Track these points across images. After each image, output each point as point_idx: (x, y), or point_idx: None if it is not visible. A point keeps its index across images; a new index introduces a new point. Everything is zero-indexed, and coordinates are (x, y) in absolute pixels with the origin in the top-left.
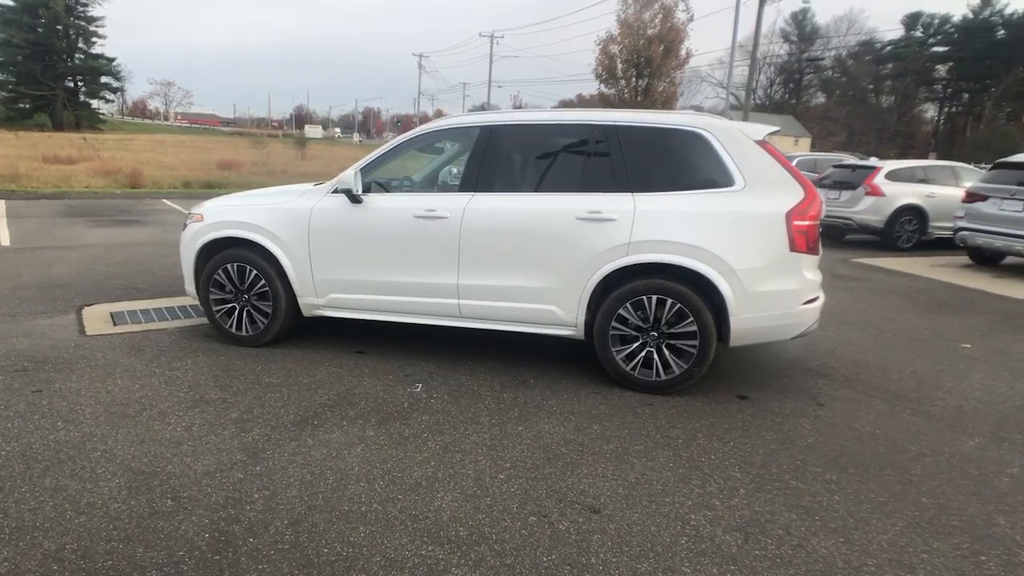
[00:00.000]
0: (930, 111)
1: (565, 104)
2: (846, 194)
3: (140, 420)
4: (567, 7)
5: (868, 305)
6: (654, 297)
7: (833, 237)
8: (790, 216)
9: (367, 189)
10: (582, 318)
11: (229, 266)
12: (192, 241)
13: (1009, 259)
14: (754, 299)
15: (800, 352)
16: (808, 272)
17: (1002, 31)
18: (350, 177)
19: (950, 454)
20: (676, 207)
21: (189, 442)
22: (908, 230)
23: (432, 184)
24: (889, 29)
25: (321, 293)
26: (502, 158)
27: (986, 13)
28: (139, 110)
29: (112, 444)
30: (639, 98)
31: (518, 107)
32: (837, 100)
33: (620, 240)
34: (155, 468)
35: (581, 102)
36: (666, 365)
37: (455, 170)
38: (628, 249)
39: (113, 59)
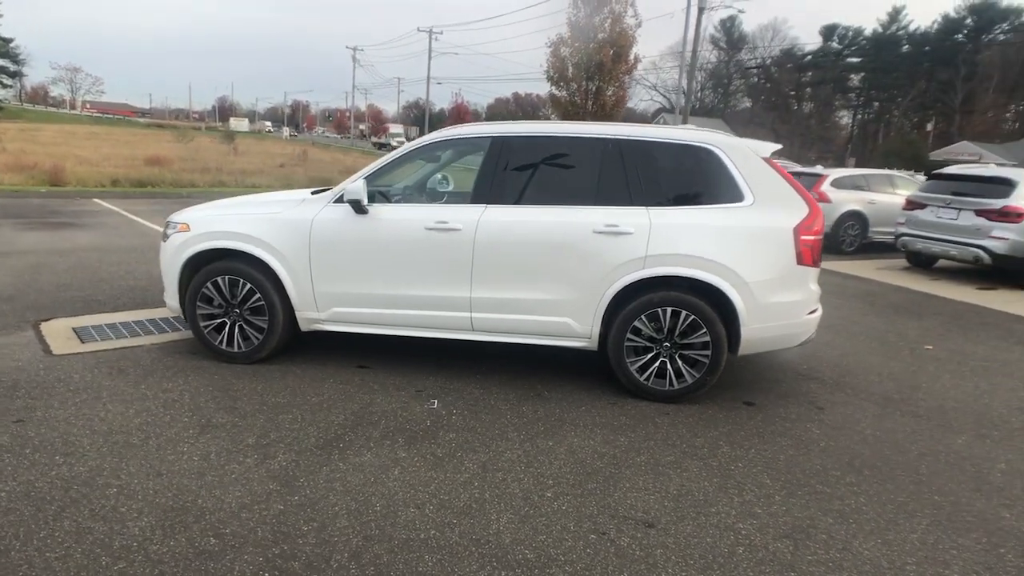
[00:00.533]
0: (845, 118)
1: (502, 103)
2: None
3: (148, 449)
4: (508, 5)
5: (833, 308)
6: (668, 309)
7: None
8: (797, 231)
9: (370, 199)
10: (597, 330)
11: (220, 279)
12: (177, 253)
13: (941, 262)
14: (764, 310)
15: (788, 356)
16: (812, 284)
17: (907, 46)
18: (360, 187)
19: (946, 453)
20: (690, 221)
21: (211, 472)
22: (851, 235)
23: (422, 193)
24: (808, 41)
25: (323, 307)
26: (515, 169)
27: (893, 28)
28: (39, 97)
29: (127, 478)
30: (589, 102)
31: (459, 104)
32: (762, 105)
33: (637, 254)
34: (184, 503)
35: (518, 101)
36: (679, 375)
37: (439, 177)
38: (645, 263)
39: (10, 40)
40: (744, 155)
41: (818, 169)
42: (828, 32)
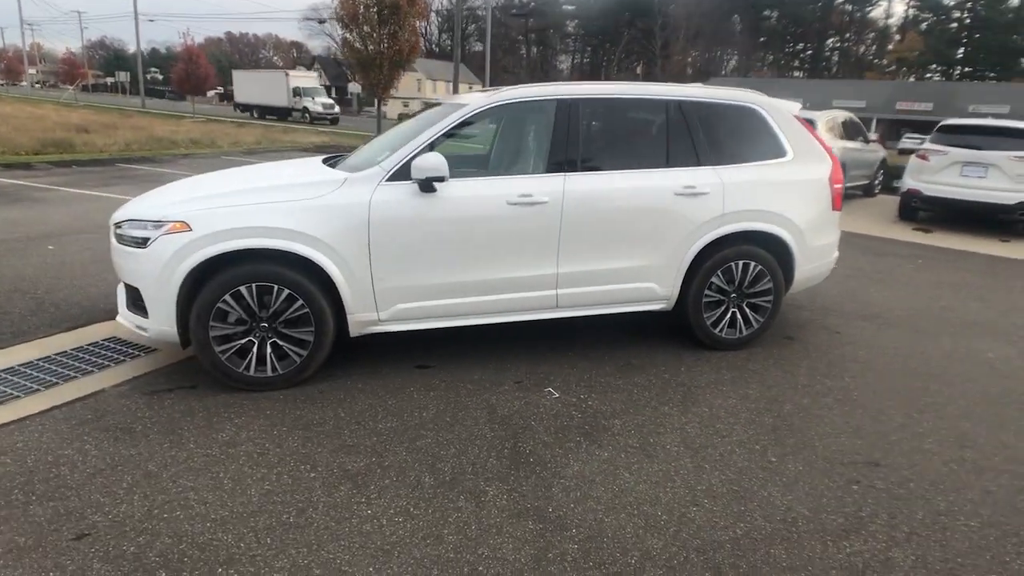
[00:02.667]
0: (564, 62)
1: (212, 42)
2: None
3: (321, 527)
4: None
5: None
6: (740, 262)
7: None
8: (831, 180)
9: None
10: (677, 291)
11: (243, 288)
12: (175, 261)
13: None
14: (811, 252)
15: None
16: (837, 226)
17: None
18: (440, 162)
19: (966, 354)
20: (752, 177)
21: (451, 533)
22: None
23: (470, 163)
24: None
25: (384, 306)
26: (584, 135)
27: None
28: None
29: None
30: (384, 45)
31: (189, 46)
32: (493, 49)
33: (715, 212)
34: None
35: (232, 41)
36: (747, 322)
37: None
38: (722, 220)
39: None
40: (781, 113)
41: None
42: None
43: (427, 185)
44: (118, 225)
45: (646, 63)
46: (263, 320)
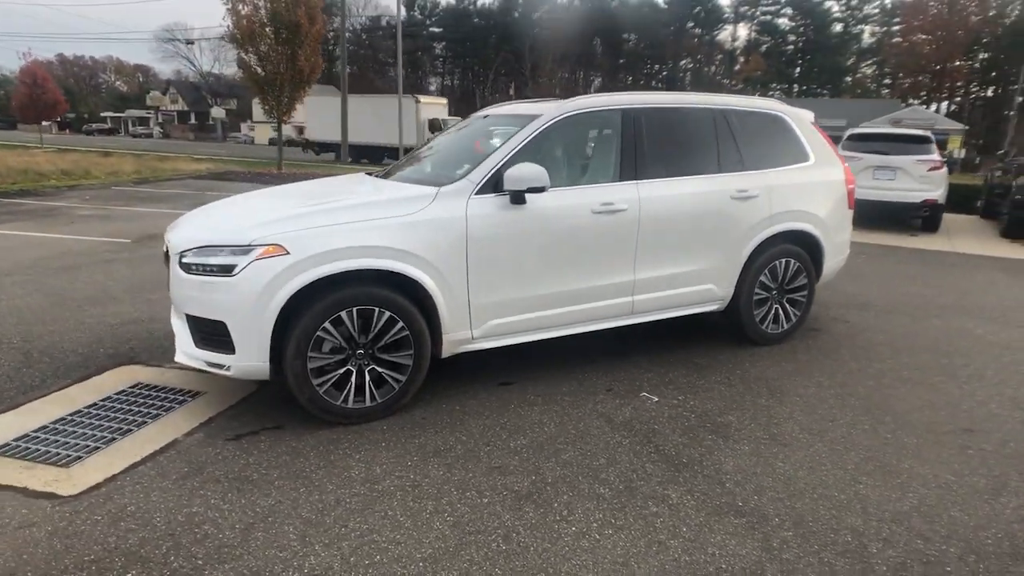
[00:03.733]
0: (433, 84)
1: (42, 65)
2: None
3: (530, 554)
4: None
5: None
6: (783, 260)
7: None
8: (846, 181)
9: (494, 187)
10: (731, 290)
11: (344, 313)
12: (271, 289)
13: None
14: (835, 248)
15: None
16: (851, 224)
17: (476, 18)
18: (540, 172)
19: (961, 332)
20: (789, 180)
21: (673, 542)
22: None
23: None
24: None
25: (478, 323)
26: (648, 143)
27: (465, 1)
28: None
29: None
30: (283, 67)
31: (30, 62)
32: (361, 70)
33: (764, 214)
34: None
35: (64, 64)
36: (787, 317)
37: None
38: (771, 221)
39: None
40: (802, 120)
41: None
42: (410, 2)
43: (519, 196)
44: (184, 254)
45: (517, 84)
46: (360, 347)
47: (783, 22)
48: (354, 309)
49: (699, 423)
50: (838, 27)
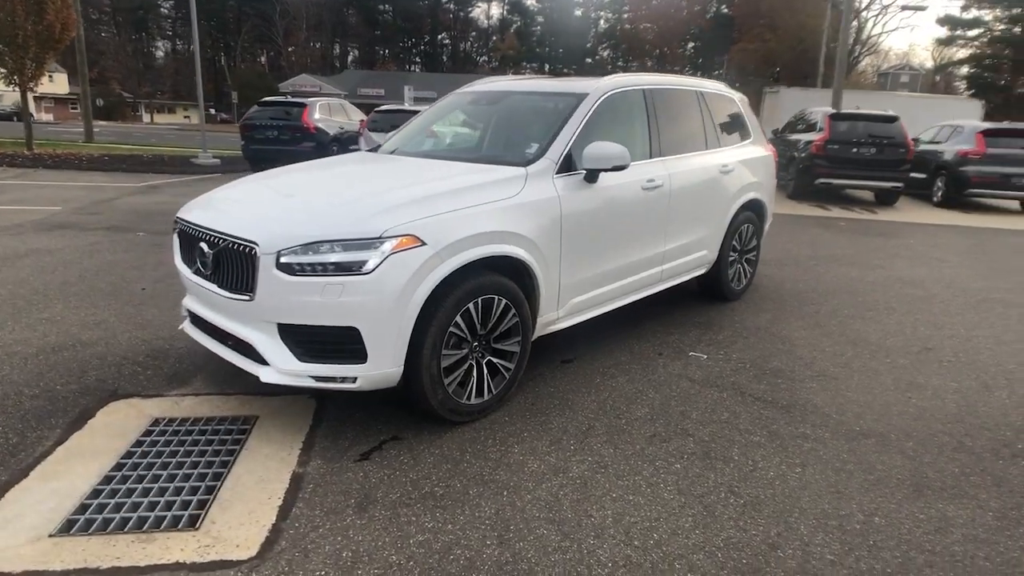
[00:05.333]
0: (161, 48)
1: None
2: None
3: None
4: None
5: None
6: (745, 226)
7: None
8: (773, 156)
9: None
10: (716, 255)
11: (471, 305)
12: (412, 284)
13: None
14: (769, 213)
15: None
16: None
17: None
18: (621, 150)
19: (892, 278)
20: (746, 156)
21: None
22: None
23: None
24: None
25: (563, 302)
26: (662, 121)
27: None
28: None
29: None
30: (30, 23)
31: None
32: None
33: (740, 184)
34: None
35: None
36: (745, 274)
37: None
38: (741, 192)
39: None
40: (744, 102)
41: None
42: None
43: (593, 175)
44: (282, 253)
45: (270, 53)
46: (478, 339)
47: (531, 3)
48: (480, 299)
49: (758, 372)
50: (579, 12)
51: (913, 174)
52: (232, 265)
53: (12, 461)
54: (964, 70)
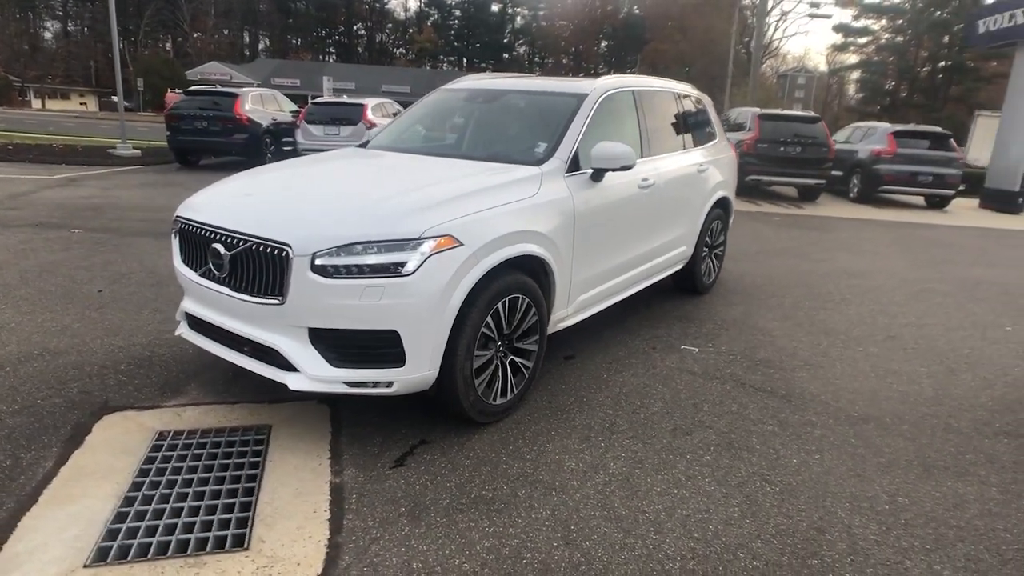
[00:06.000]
0: (49, 31)
1: None
2: (347, 129)
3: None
4: None
5: None
6: (715, 223)
7: None
8: (735, 156)
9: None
10: (692, 251)
11: (500, 305)
12: (451, 285)
13: None
14: (733, 209)
15: None
16: None
17: None
18: (626, 150)
19: (838, 266)
20: (715, 156)
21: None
22: None
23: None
24: None
25: (572, 300)
26: (649, 121)
27: None
28: None
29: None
30: None
31: None
32: None
33: (713, 183)
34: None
35: None
36: (714, 269)
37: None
38: (714, 190)
39: None
40: (711, 104)
41: (356, 100)
42: None
43: (600, 174)
44: (317, 255)
45: (177, 39)
46: (501, 339)
47: None
48: (507, 299)
49: (749, 363)
50: (495, 7)
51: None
52: (255, 268)
53: (14, 486)
54: (856, 74)
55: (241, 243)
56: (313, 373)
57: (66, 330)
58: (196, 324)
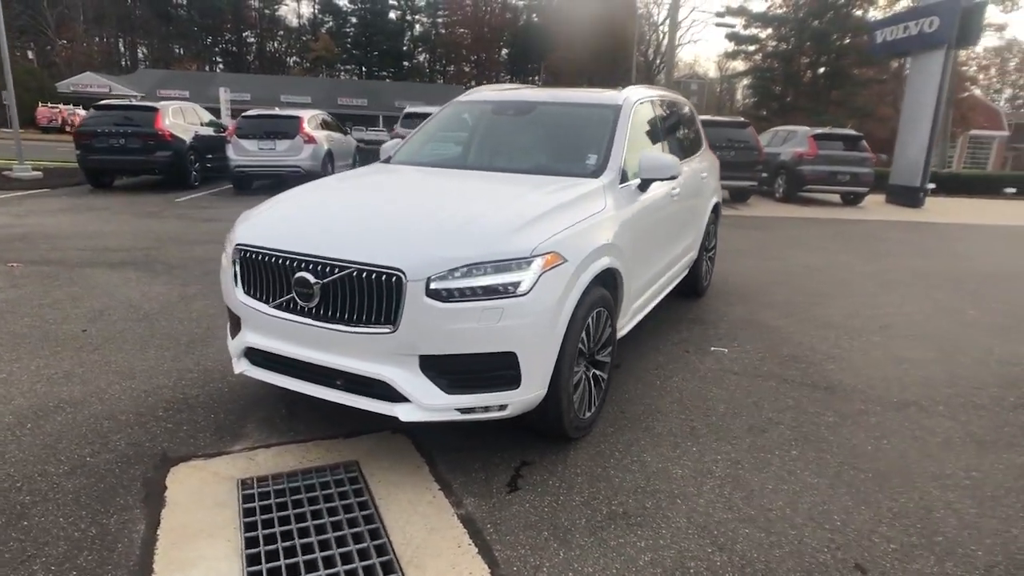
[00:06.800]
0: None
1: None
2: (283, 143)
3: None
4: None
5: None
6: (711, 226)
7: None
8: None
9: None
10: (696, 255)
11: (590, 319)
12: (560, 302)
13: None
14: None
15: None
16: None
17: None
18: (674, 160)
19: (795, 261)
20: (709, 162)
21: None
22: (330, 171)
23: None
24: None
25: (628, 308)
26: (667, 131)
27: None
28: None
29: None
30: None
31: None
32: None
33: (711, 189)
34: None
35: None
36: (710, 271)
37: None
38: (711, 195)
39: None
40: (696, 112)
41: (289, 112)
42: None
43: (646, 184)
44: (431, 279)
45: (46, 47)
46: (589, 352)
47: (344, 3)
48: (594, 312)
49: (779, 359)
50: (393, 15)
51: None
52: (356, 296)
53: (117, 557)
54: (747, 80)
55: (337, 270)
56: (426, 402)
57: (71, 376)
58: (264, 359)
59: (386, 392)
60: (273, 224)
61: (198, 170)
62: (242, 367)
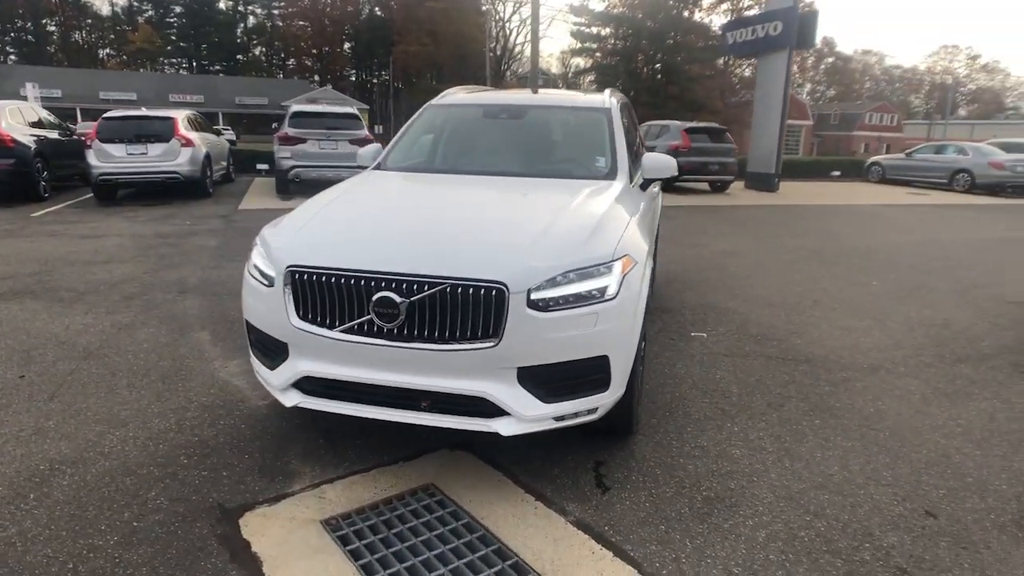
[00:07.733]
0: None
1: None
2: (157, 148)
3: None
4: None
5: None
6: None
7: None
8: None
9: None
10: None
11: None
12: (638, 304)
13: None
14: None
15: None
16: None
17: None
18: (671, 160)
19: (753, 264)
20: None
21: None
22: (210, 176)
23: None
24: None
25: None
26: (632, 133)
27: None
28: None
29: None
30: None
31: None
32: None
33: (658, 187)
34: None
35: None
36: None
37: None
38: (658, 193)
39: None
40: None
41: (161, 112)
42: None
43: (647, 184)
44: (532, 291)
45: None
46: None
47: None
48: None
49: (752, 338)
50: (223, 5)
51: None
52: (447, 312)
53: None
54: (591, 77)
55: (427, 287)
56: (526, 414)
57: (44, 432)
58: (324, 388)
59: (481, 408)
60: (335, 243)
61: (47, 179)
62: (294, 400)
